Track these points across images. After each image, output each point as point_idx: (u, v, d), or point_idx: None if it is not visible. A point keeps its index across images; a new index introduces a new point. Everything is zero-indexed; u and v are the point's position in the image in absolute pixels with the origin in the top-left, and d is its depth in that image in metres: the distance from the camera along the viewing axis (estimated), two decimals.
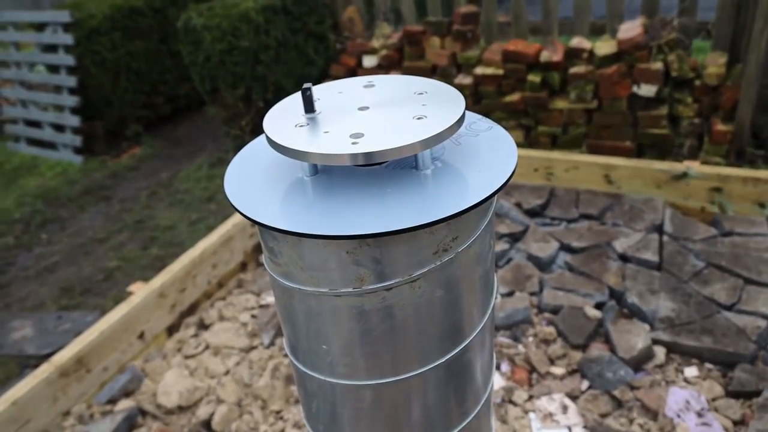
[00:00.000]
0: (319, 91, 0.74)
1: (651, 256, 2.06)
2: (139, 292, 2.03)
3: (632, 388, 1.65)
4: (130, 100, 4.45)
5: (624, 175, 2.39)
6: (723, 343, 1.71)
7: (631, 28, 3.02)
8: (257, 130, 3.84)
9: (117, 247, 3.15)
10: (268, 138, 0.64)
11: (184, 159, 4.17)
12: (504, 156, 0.68)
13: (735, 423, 1.53)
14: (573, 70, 3.11)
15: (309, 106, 0.67)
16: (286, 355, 1.96)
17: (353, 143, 0.60)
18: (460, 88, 3.44)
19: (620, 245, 2.13)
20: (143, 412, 1.80)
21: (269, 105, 3.69)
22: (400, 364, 0.69)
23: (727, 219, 2.20)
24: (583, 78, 3.08)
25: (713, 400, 1.59)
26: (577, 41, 3.20)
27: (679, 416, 1.53)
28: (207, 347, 2.03)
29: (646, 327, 1.80)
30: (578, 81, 3.10)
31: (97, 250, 3.17)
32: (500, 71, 3.34)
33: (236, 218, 2.40)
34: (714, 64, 2.97)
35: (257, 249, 2.47)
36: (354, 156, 0.59)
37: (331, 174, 0.67)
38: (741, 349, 1.69)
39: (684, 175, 2.27)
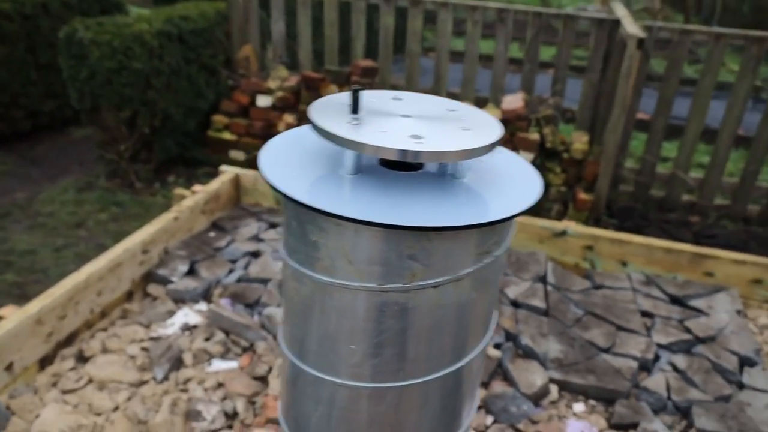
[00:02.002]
0: (346, 98, 0.76)
1: (539, 302, 2.25)
2: (11, 316, 1.78)
3: (533, 422, 1.76)
4: None
5: None
6: (604, 381, 1.90)
7: (514, 101, 3.36)
8: (137, 157, 3.63)
9: None
10: (324, 131, 0.65)
11: (44, 180, 3.78)
12: (526, 173, 0.75)
13: None
14: None
15: (356, 106, 0.70)
16: (183, 390, 1.83)
17: (417, 143, 0.63)
18: None
19: (512, 292, 2.30)
20: None
21: (155, 132, 3.53)
22: (430, 363, 0.71)
23: (597, 274, 2.49)
24: None
25: None
26: None
27: None
28: (90, 381, 1.83)
29: (540, 366, 1.95)
30: None
31: None
32: None
33: (127, 243, 2.23)
34: (579, 141, 3.40)
35: (146, 278, 2.30)
36: (420, 153, 0.62)
37: (370, 175, 0.69)
38: (619, 386, 1.89)
39: (563, 233, 2.54)
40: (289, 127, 3.67)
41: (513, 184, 0.72)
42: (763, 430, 1.74)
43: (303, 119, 3.66)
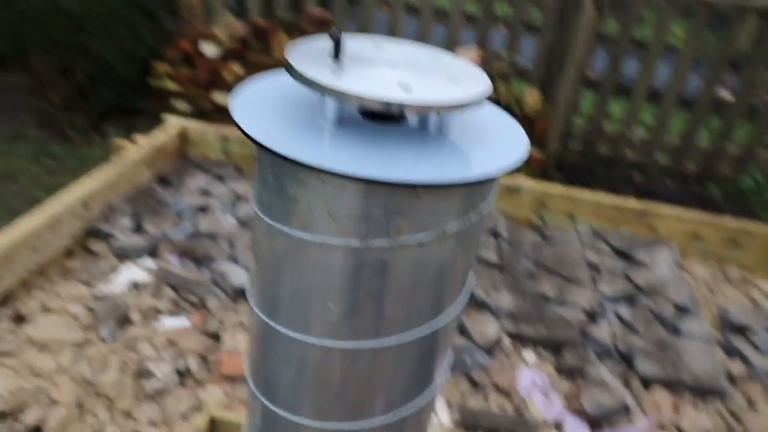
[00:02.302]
0: (324, 43, 0.71)
1: (492, 256, 2.29)
2: None
3: (487, 371, 1.81)
4: None
5: None
6: (554, 331, 1.97)
7: (468, 55, 3.33)
8: (71, 105, 3.41)
9: None
10: (307, 79, 0.60)
11: None
12: (510, 130, 0.73)
13: (567, 397, 1.77)
14: None
15: (338, 50, 0.65)
16: (131, 349, 1.77)
17: (407, 92, 0.60)
18: None
19: None
20: None
21: (93, 81, 3.31)
22: (409, 322, 0.69)
23: (547, 228, 2.55)
24: None
25: (549, 378, 1.83)
26: None
27: (528, 394, 1.72)
28: (30, 342, 1.74)
29: (494, 318, 2.00)
30: None
31: None
32: None
33: (66, 197, 2.10)
34: (531, 97, 3.42)
35: (88, 234, 2.19)
36: (414, 104, 0.58)
37: (351, 126, 0.65)
38: (567, 335, 1.96)
39: (516, 189, 2.57)
40: (237, 77, 3.52)
41: (498, 138, 0.70)
42: (696, 372, 1.85)
43: (251, 69, 3.51)
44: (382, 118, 0.66)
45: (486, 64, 3.31)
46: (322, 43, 0.70)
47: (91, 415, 1.55)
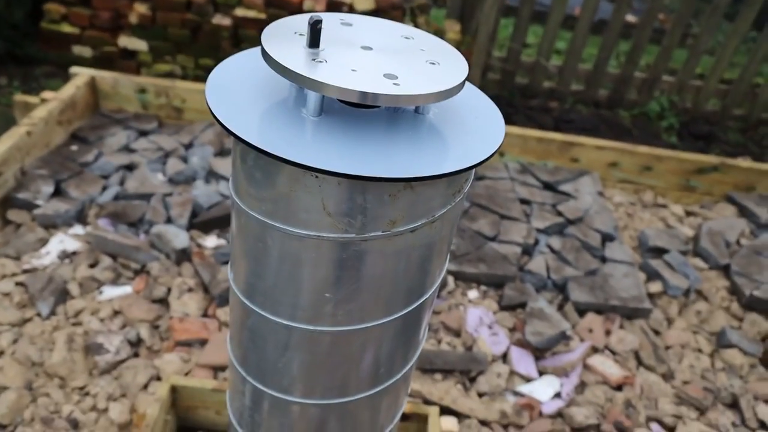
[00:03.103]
0: (294, 23, 0.68)
1: None
2: None
3: (436, 312, 1.90)
4: None
5: None
6: (494, 268, 2.07)
7: None
8: None
9: None
10: (288, 71, 0.58)
11: None
12: (486, 108, 0.74)
13: (510, 330, 1.90)
14: None
15: (316, 41, 0.63)
16: (76, 324, 1.70)
17: (395, 84, 0.59)
18: (218, 29, 3.27)
19: None
20: None
21: None
22: (396, 301, 0.72)
23: None
24: None
25: (494, 314, 1.94)
26: None
27: (476, 331, 1.83)
28: None
29: None
30: None
31: None
32: (263, 15, 3.26)
33: None
34: (452, 30, 3.41)
35: (4, 203, 2.03)
36: (400, 97, 0.58)
37: (332, 114, 0.64)
38: (507, 272, 2.07)
39: None
40: (142, 18, 3.26)
41: (476, 115, 0.71)
42: (621, 295, 2.03)
43: (158, 9, 3.25)
44: (362, 105, 0.66)
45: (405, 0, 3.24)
46: (296, 22, 0.67)
47: (45, 397, 1.50)
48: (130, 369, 1.60)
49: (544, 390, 1.70)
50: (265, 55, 0.61)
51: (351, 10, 3.26)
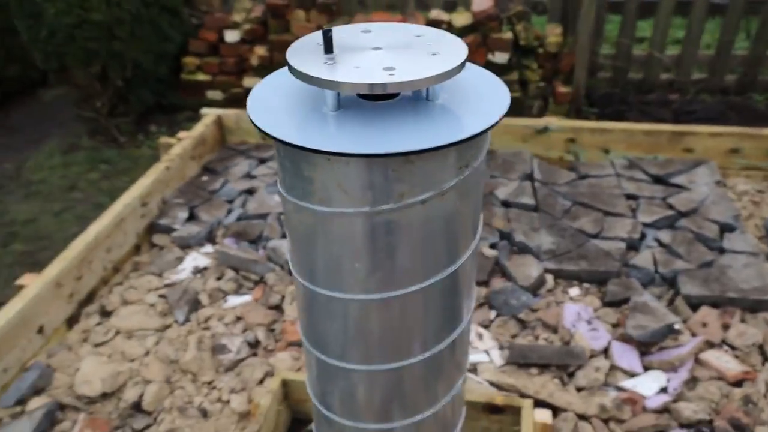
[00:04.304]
0: (317, 36, 0.80)
1: (528, 200, 2.35)
2: (33, 283, 1.87)
3: (533, 310, 1.90)
4: None
5: (494, 133, 2.66)
6: (595, 265, 2.03)
7: (483, 2, 3.31)
8: (115, 111, 3.61)
9: None
10: (303, 75, 0.70)
11: (27, 148, 3.77)
12: (495, 88, 0.80)
13: (613, 326, 1.85)
14: None
15: (329, 46, 0.74)
16: (205, 328, 1.95)
17: (390, 74, 0.68)
18: None
19: (501, 193, 2.39)
20: (62, 406, 1.69)
21: (129, 84, 3.49)
22: (427, 269, 0.80)
23: (582, 164, 2.57)
24: None
25: (595, 310, 1.90)
26: (436, 13, 3.44)
27: (574, 326, 1.81)
28: (117, 333, 1.94)
29: (535, 259, 2.07)
30: None
31: None
32: None
33: (126, 198, 2.28)
34: (552, 34, 3.38)
35: (150, 229, 2.38)
36: (396, 84, 0.67)
37: (351, 108, 0.74)
38: (609, 267, 2.02)
39: (545, 130, 2.60)
40: (262, 59, 3.63)
41: (482, 97, 0.77)
42: (742, 287, 1.88)
43: (275, 50, 3.61)
44: (377, 97, 0.75)
45: (502, 8, 3.28)
46: (317, 38, 0.79)
47: (180, 389, 1.74)
48: (249, 366, 1.80)
49: (648, 385, 1.64)
50: (288, 64, 0.73)
51: (450, 26, 3.37)
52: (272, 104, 0.77)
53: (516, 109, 3.41)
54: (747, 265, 1.97)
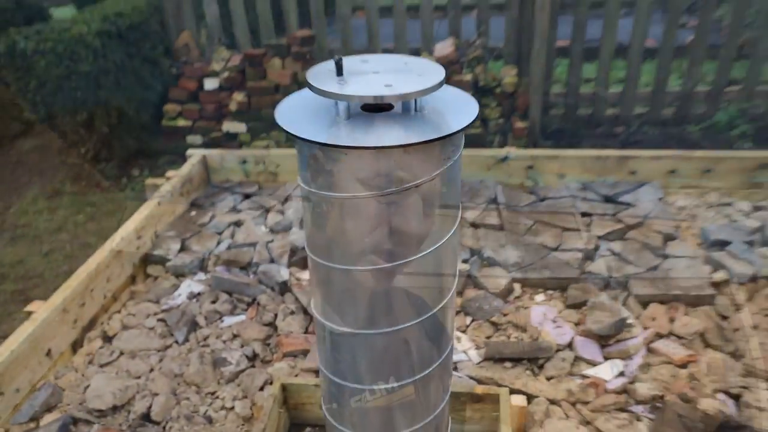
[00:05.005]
0: (329, 65, 1.03)
1: (494, 221, 2.59)
2: (40, 309, 2.00)
3: (504, 314, 2.12)
4: None
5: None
6: (557, 273, 2.27)
7: (444, 47, 3.64)
8: (98, 156, 3.77)
9: None
10: (323, 91, 0.92)
11: (10, 195, 3.87)
12: (466, 102, 1.04)
13: (575, 324, 2.07)
14: None
15: (340, 70, 0.97)
16: (204, 346, 2.09)
17: (389, 89, 0.91)
18: None
19: (470, 216, 2.64)
20: (75, 420, 1.80)
21: (113, 130, 3.67)
22: (421, 242, 1.01)
23: (541, 188, 2.85)
24: None
25: (559, 312, 2.13)
26: None
27: (541, 325, 2.03)
28: (122, 353, 2.07)
29: (504, 271, 2.30)
30: None
31: None
32: None
33: (123, 232, 2.44)
34: (508, 75, 3.72)
35: (144, 260, 2.52)
36: (395, 96, 0.90)
37: (358, 118, 0.97)
38: (569, 275, 2.26)
39: (506, 158, 2.87)
40: (240, 105, 3.86)
41: (457, 108, 1.01)
42: (684, 286, 2.14)
43: (252, 95, 3.85)
44: (377, 109, 0.98)
45: (462, 53, 3.61)
46: (328, 65, 1.02)
47: (186, 399, 1.88)
48: (249, 375, 1.95)
49: (608, 371, 1.86)
50: (308, 83, 0.95)
51: None
52: (295, 117, 0.99)
53: (478, 144, 3.71)
54: (688, 267, 2.24)
